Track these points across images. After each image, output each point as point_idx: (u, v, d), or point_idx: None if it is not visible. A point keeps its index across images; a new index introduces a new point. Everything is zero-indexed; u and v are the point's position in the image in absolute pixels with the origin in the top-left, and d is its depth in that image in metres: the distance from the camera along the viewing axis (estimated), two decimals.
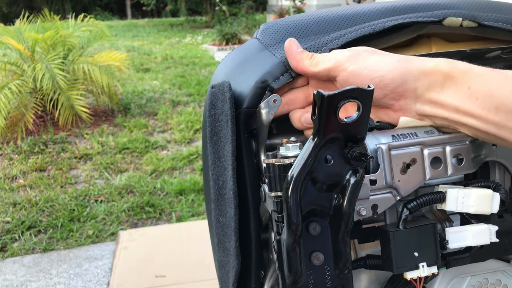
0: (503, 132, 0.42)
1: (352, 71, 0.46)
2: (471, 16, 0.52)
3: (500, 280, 0.53)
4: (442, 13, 0.51)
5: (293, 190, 0.38)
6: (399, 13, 0.53)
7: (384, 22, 0.51)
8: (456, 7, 0.54)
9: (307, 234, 0.40)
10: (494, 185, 0.48)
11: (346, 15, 0.53)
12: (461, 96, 0.44)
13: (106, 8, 28.32)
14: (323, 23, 0.53)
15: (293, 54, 0.49)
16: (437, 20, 0.51)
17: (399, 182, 0.46)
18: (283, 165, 0.41)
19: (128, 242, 2.63)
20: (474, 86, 0.43)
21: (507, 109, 0.41)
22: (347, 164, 0.40)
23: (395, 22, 0.50)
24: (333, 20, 0.53)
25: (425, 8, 0.53)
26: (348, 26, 0.52)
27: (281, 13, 12.20)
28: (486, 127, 0.43)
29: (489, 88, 0.42)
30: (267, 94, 0.49)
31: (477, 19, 0.52)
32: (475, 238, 0.46)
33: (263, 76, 0.49)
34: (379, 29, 0.51)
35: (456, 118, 0.45)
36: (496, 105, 0.42)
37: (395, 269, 0.45)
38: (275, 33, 0.53)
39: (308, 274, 0.41)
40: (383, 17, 0.53)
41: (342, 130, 0.38)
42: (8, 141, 4.30)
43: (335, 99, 0.36)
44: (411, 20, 0.51)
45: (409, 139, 0.47)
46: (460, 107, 0.44)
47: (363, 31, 0.51)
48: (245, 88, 0.50)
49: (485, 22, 0.52)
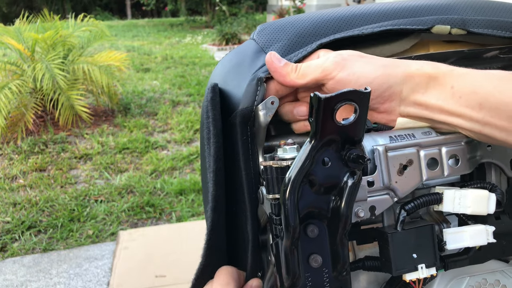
0: (487, 129, 0.43)
1: (340, 79, 0.46)
2: (460, 22, 0.52)
3: (499, 281, 0.53)
4: (431, 20, 0.51)
5: (291, 192, 0.38)
6: (393, 17, 0.53)
7: (373, 27, 0.51)
8: (448, 10, 0.54)
9: (305, 237, 0.40)
10: (490, 186, 0.48)
11: (342, 17, 0.53)
12: (444, 96, 0.44)
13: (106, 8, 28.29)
14: (319, 25, 0.53)
15: (277, 69, 0.48)
16: (425, 28, 0.51)
17: (396, 184, 0.46)
18: (280, 167, 0.41)
19: (128, 242, 2.63)
20: (457, 85, 0.44)
21: (490, 106, 0.42)
22: (344, 166, 0.40)
23: (383, 28, 0.51)
24: (329, 22, 0.53)
25: (418, 12, 0.53)
26: (342, 29, 0.52)
27: (281, 13, 12.19)
28: (470, 125, 0.44)
29: (472, 86, 0.43)
30: (260, 89, 0.48)
31: (466, 26, 0.51)
32: (473, 239, 0.47)
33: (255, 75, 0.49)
34: (368, 33, 0.51)
35: (440, 118, 0.45)
36: (479, 102, 0.42)
37: (394, 271, 0.45)
38: (271, 34, 0.53)
39: (306, 277, 0.41)
40: (377, 21, 0.53)
41: (340, 132, 0.38)
42: (8, 141, 4.30)
43: (332, 101, 0.36)
44: (399, 27, 0.51)
45: (406, 140, 0.47)
46: (444, 107, 0.44)
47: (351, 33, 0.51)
48: (240, 89, 0.50)
49: (474, 30, 0.51)
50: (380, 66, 0.46)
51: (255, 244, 0.51)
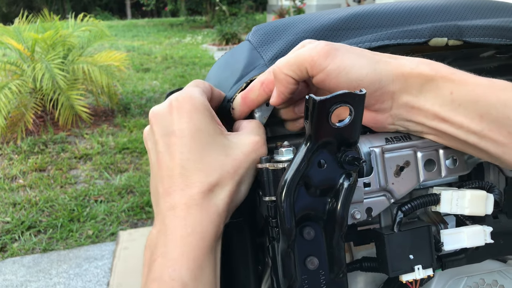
0: (483, 142, 0.40)
1: (329, 72, 0.41)
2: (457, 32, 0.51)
3: (496, 281, 0.53)
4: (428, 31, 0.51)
5: (287, 195, 0.38)
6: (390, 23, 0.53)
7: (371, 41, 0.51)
8: (444, 14, 0.54)
9: (301, 239, 0.40)
10: (488, 186, 0.48)
11: (338, 20, 0.53)
12: (441, 101, 0.41)
13: (106, 8, 28.32)
14: (315, 29, 0.53)
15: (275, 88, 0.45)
16: (423, 42, 0.51)
17: (393, 185, 0.46)
18: (276, 169, 0.41)
19: (128, 242, 2.63)
20: (457, 91, 0.40)
21: (492, 118, 0.39)
22: (340, 168, 0.40)
23: (380, 43, 0.50)
24: (324, 26, 0.53)
25: (415, 18, 0.53)
26: (338, 34, 0.52)
27: (281, 13, 12.19)
28: (465, 136, 0.41)
29: (475, 95, 0.40)
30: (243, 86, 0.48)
31: (463, 36, 0.51)
32: (470, 240, 0.46)
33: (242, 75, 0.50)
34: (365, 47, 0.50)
35: (432, 124, 0.42)
36: (480, 113, 0.39)
37: (390, 272, 0.45)
38: (265, 35, 0.53)
39: (303, 279, 0.41)
40: (375, 25, 0.53)
41: (335, 135, 0.38)
42: (8, 141, 4.30)
43: (327, 103, 0.36)
44: (396, 41, 0.51)
45: (402, 141, 0.47)
46: (439, 113, 0.41)
47: None
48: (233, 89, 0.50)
49: (470, 40, 0.51)
50: (373, 63, 0.42)
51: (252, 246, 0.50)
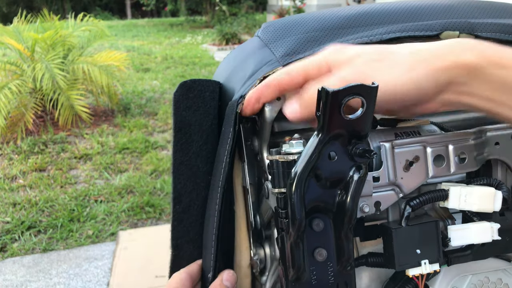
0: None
1: None
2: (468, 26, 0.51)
3: (501, 279, 0.53)
4: (439, 26, 0.51)
5: (297, 186, 0.38)
6: (398, 19, 0.53)
7: (382, 34, 0.51)
8: (454, 13, 0.53)
9: (311, 230, 0.40)
10: (496, 183, 0.48)
11: (349, 17, 0.53)
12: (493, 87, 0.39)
13: (106, 8, 28.32)
14: (325, 26, 0.53)
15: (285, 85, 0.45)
16: (434, 35, 0.51)
17: (402, 180, 0.46)
18: (286, 161, 0.41)
19: (128, 242, 2.63)
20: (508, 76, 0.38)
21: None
22: (350, 160, 0.40)
23: (392, 35, 0.50)
24: (335, 21, 0.53)
25: (423, 15, 0.53)
26: (349, 31, 0.52)
27: (281, 13, 12.22)
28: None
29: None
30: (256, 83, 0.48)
31: (474, 31, 0.51)
32: (478, 236, 0.46)
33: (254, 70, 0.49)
34: (376, 40, 0.50)
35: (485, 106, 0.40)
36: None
37: (397, 266, 0.45)
38: (275, 31, 0.53)
39: (311, 270, 0.41)
40: (382, 22, 0.52)
41: (346, 127, 0.38)
42: (8, 141, 4.30)
43: (340, 95, 0.36)
44: (408, 34, 0.50)
45: (412, 137, 0.47)
46: (491, 97, 0.39)
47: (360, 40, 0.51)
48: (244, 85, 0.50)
49: (482, 34, 0.51)
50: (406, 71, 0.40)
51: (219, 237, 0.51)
